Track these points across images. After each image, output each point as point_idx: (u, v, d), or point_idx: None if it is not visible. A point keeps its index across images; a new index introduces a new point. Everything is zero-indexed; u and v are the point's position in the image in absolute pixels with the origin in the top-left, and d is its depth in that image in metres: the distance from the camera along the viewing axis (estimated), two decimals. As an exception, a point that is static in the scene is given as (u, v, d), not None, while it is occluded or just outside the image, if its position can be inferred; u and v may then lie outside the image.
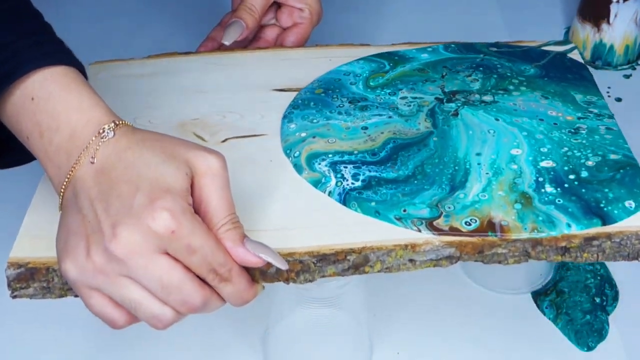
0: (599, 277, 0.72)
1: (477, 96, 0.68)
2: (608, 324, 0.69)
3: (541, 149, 0.62)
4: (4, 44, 0.52)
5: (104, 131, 0.51)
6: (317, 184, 0.60)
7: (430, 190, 0.59)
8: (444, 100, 0.68)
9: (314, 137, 0.64)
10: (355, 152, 0.62)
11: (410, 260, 0.56)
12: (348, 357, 0.68)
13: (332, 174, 0.60)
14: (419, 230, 0.56)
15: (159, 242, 0.48)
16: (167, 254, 0.49)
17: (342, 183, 0.60)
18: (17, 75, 0.51)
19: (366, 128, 0.65)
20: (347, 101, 0.68)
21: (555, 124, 0.65)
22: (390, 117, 0.66)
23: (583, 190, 0.59)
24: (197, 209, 0.50)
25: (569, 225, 0.56)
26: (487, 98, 0.68)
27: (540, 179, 0.60)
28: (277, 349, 0.67)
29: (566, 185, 0.59)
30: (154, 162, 0.50)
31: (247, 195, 0.58)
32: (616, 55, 0.96)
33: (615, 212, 0.57)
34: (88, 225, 0.49)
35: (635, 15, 0.93)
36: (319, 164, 0.61)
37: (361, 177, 0.60)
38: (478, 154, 0.62)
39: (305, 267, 0.54)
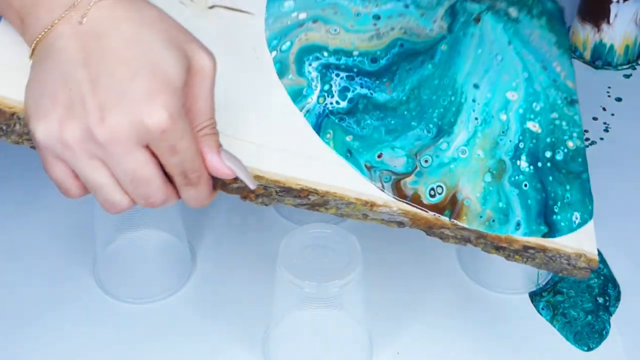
0: (602, 277, 0.72)
1: (504, 3, 0.62)
2: (610, 324, 0.69)
3: (534, 105, 0.59)
4: None
5: None
6: (296, 95, 0.55)
7: (416, 130, 0.56)
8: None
9: (315, 21, 0.56)
10: (356, 52, 0.56)
11: (364, 215, 0.57)
12: (348, 358, 0.68)
13: (318, 83, 0.55)
14: (382, 189, 0.56)
15: (145, 137, 0.46)
16: (147, 147, 0.47)
17: (324, 99, 0.55)
18: None
19: (378, 17, 0.57)
20: None
21: (555, 80, 0.61)
22: (406, 5, 0.58)
23: (550, 177, 0.58)
24: (184, 103, 0.48)
25: (517, 225, 0.57)
26: (513, 12, 0.62)
27: (521, 145, 0.58)
28: (277, 349, 0.67)
29: (539, 164, 0.58)
30: (155, 44, 0.47)
31: (223, 91, 0.52)
32: (616, 55, 0.95)
33: (562, 224, 0.58)
34: (68, 93, 0.46)
35: (635, 15, 0.93)
36: (310, 64, 0.55)
37: (349, 95, 0.55)
38: (476, 86, 0.58)
39: (267, 193, 0.54)
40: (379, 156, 0.55)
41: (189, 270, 0.74)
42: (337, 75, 0.56)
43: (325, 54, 0.56)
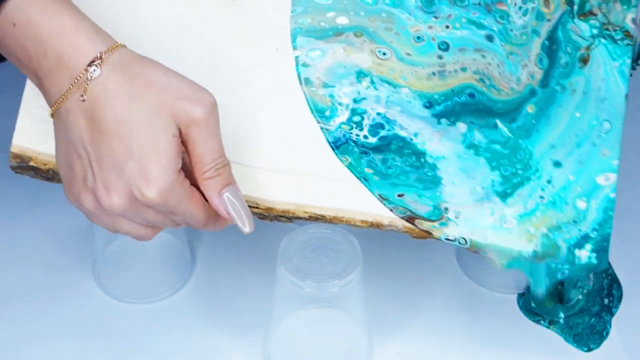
0: (609, 277, 0.72)
1: (621, 16, 0.44)
2: (610, 325, 0.69)
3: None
4: None
5: (91, 66, 0.50)
6: (319, 111, 0.47)
7: (456, 188, 0.46)
8: (574, 12, 0.43)
9: (358, 34, 0.45)
10: (406, 90, 0.44)
11: (356, 225, 0.56)
12: (348, 358, 0.68)
13: (346, 111, 0.46)
14: (392, 210, 0.50)
15: (146, 206, 0.51)
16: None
17: (350, 129, 0.47)
18: None
19: (445, 48, 0.44)
20: None
21: None
22: (489, 37, 0.43)
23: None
24: (187, 153, 0.53)
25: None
26: (632, 27, 0.43)
27: (593, 235, 0.47)
28: (277, 349, 0.67)
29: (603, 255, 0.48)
30: (143, 122, 0.50)
31: (238, 97, 0.51)
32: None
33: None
34: (81, 167, 0.51)
35: (635, 15, 0.93)
36: (342, 88, 0.45)
37: (382, 133, 0.45)
38: (557, 164, 0.45)
39: (278, 220, 0.57)
40: (400, 195, 0.47)
41: (189, 270, 0.74)
42: (374, 109, 0.46)
43: (365, 83, 0.45)
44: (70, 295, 0.72)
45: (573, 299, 0.59)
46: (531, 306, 0.67)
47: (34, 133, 0.54)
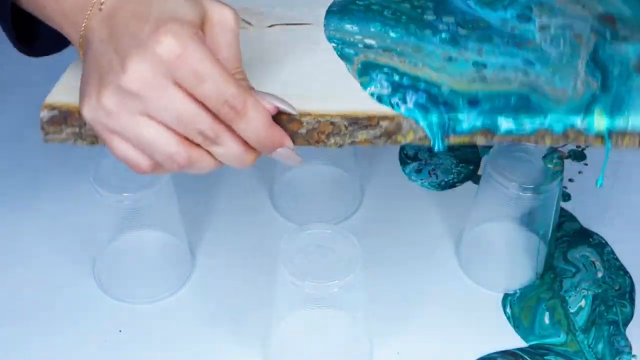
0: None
1: None
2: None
3: None
4: None
5: None
6: (364, 78, 0.48)
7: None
8: (607, 40, 0.43)
9: (385, 50, 0.48)
10: (446, 87, 0.45)
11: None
12: (348, 358, 0.68)
13: (387, 89, 0.47)
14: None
15: (167, 69, 0.47)
16: (179, 85, 0.47)
17: (394, 96, 0.47)
18: None
19: (483, 65, 0.44)
20: (451, 22, 0.46)
21: None
22: (528, 61, 0.43)
23: None
24: None
25: None
26: None
27: None
28: (277, 349, 0.67)
29: None
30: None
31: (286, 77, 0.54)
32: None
33: None
34: (100, 68, 0.48)
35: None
36: (377, 74, 0.47)
37: (425, 98, 0.44)
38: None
39: (336, 129, 0.52)
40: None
41: (189, 270, 0.74)
42: (415, 93, 0.46)
43: (397, 77, 0.47)
44: (70, 295, 0.72)
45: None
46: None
47: (66, 95, 0.54)
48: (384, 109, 0.49)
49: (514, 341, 0.69)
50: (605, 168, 0.49)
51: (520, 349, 0.68)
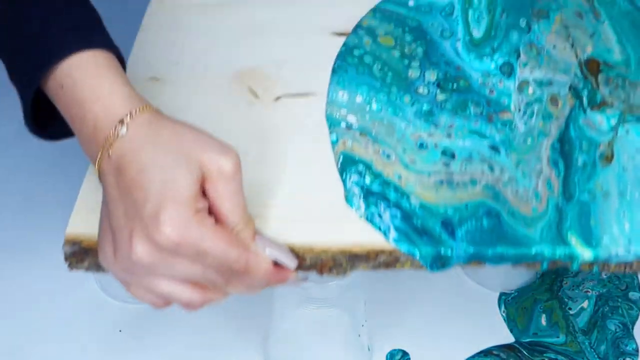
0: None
1: None
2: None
3: None
4: (37, 33, 0.52)
5: (119, 125, 0.50)
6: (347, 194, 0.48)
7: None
8: (585, 104, 0.39)
9: (362, 133, 0.46)
10: (415, 200, 0.43)
11: None
12: (348, 358, 0.68)
13: (360, 201, 0.46)
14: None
15: (169, 251, 0.49)
16: (184, 256, 0.49)
17: (369, 208, 0.46)
18: (46, 67, 0.52)
19: (451, 155, 0.42)
20: (432, 79, 0.44)
21: None
22: (494, 147, 0.40)
23: None
24: (211, 209, 0.51)
25: None
26: None
27: None
28: (277, 349, 0.67)
29: None
30: (166, 164, 0.49)
31: (282, 174, 0.54)
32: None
33: None
34: (113, 227, 0.50)
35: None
36: (351, 175, 0.46)
37: (400, 216, 0.44)
38: None
39: (338, 263, 0.53)
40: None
41: (189, 270, 0.74)
42: (387, 210, 0.44)
43: (368, 179, 0.45)
44: (70, 295, 0.72)
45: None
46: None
47: (89, 219, 0.55)
48: (381, 242, 0.49)
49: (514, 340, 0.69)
50: None
51: (519, 343, 0.68)
